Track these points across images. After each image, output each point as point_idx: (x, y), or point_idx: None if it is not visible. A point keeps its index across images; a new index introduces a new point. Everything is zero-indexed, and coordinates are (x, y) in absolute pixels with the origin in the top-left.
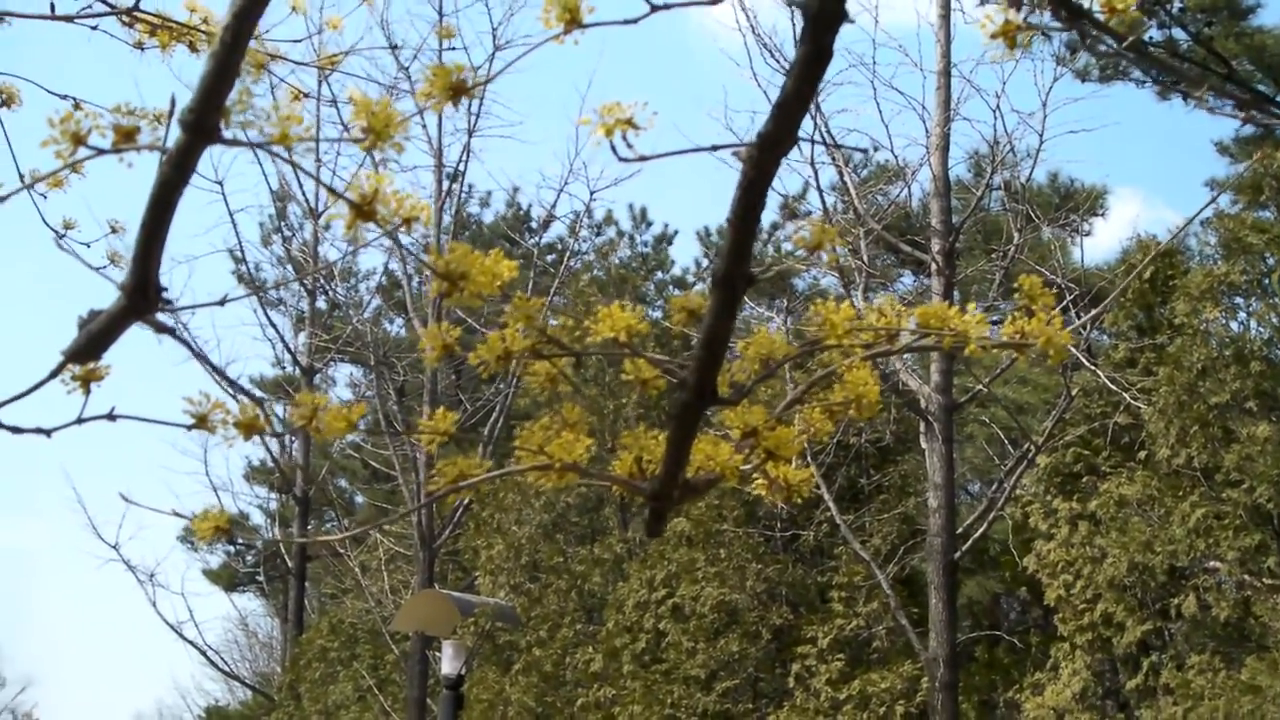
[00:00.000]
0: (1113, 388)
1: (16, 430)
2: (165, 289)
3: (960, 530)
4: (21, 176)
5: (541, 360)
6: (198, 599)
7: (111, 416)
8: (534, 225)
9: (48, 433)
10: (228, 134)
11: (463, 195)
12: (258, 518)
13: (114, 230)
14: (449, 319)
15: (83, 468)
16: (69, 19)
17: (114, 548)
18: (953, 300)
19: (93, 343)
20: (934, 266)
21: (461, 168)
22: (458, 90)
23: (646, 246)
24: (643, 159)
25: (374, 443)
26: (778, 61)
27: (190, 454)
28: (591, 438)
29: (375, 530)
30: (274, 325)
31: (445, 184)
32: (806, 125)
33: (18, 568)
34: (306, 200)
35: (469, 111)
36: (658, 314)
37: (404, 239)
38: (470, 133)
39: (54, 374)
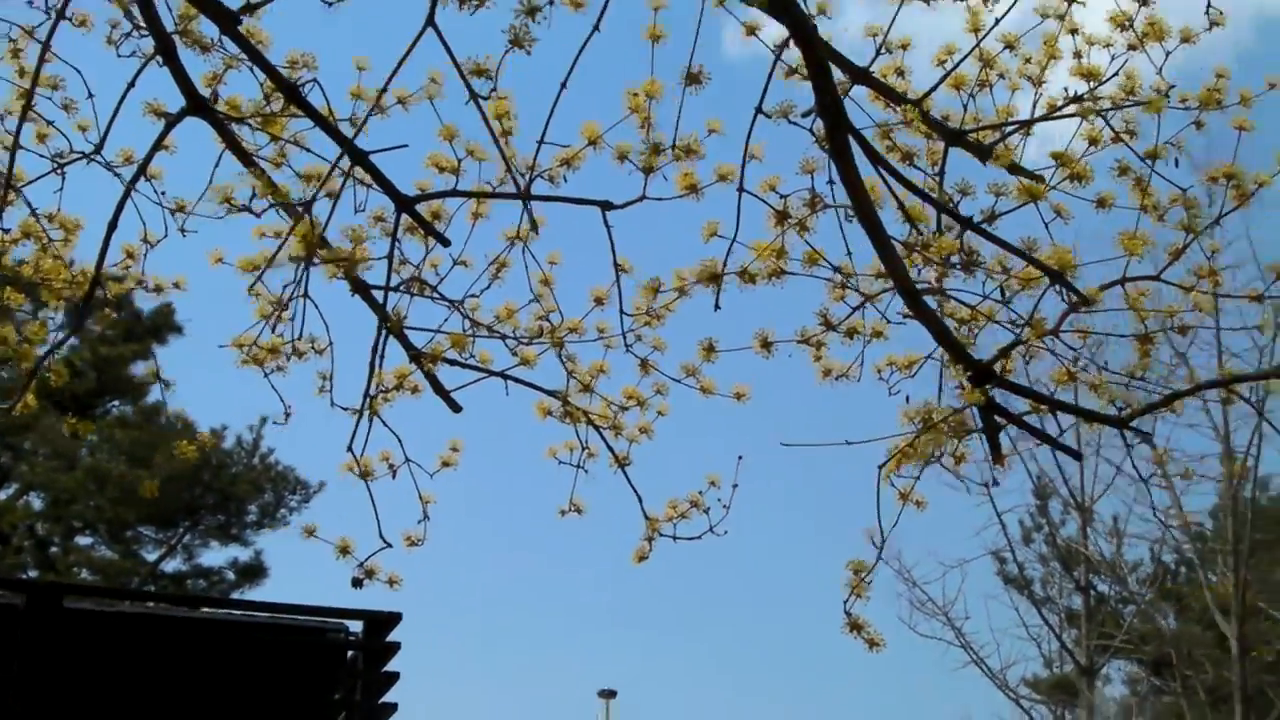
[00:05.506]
0: None
1: None
2: None
3: None
4: None
5: None
6: None
7: None
8: None
9: None
10: None
11: (1254, 478)
12: None
13: None
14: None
15: None
16: None
17: None
18: None
19: None
20: None
21: (1253, 452)
22: None
23: None
24: None
25: None
26: None
27: None
28: None
29: None
30: (1047, 623)
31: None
32: None
33: None
34: (1070, 494)
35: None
36: None
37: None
38: (1260, 415)
39: None
